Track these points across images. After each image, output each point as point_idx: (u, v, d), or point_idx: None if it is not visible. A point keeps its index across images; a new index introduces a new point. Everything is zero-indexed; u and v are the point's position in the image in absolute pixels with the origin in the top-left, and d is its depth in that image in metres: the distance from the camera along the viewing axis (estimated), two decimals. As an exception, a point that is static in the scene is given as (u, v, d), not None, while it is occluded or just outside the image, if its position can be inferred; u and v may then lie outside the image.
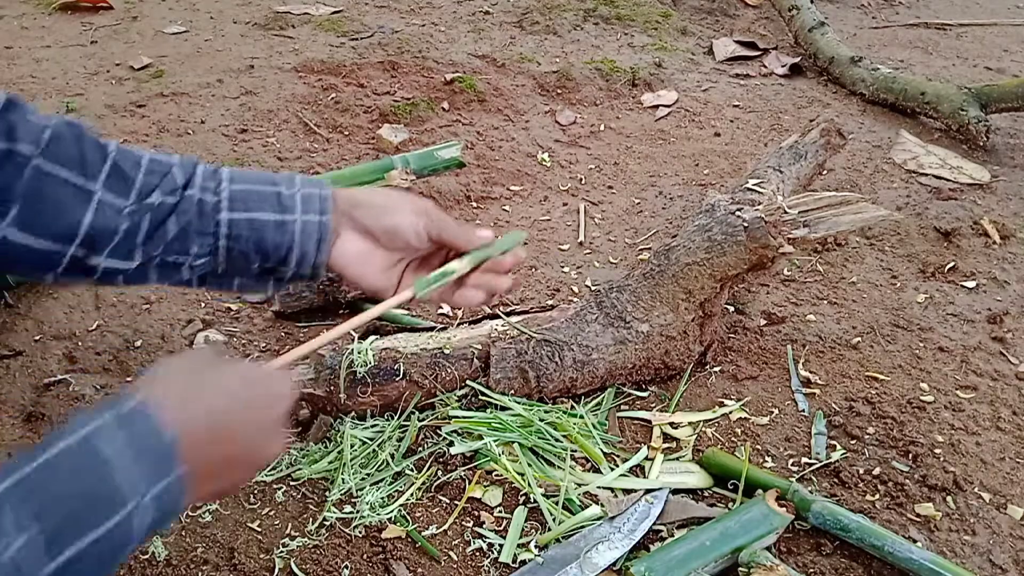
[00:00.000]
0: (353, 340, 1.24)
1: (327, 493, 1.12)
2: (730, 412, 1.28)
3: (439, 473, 1.15)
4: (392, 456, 1.16)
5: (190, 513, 1.10)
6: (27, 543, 0.52)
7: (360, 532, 1.08)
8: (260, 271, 0.87)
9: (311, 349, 0.84)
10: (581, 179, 1.96)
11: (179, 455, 0.60)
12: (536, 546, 1.06)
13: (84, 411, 0.60)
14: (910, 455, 1.20)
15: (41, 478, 0.55)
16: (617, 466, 1.17)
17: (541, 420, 1.20)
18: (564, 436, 1.19)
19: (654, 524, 1.09)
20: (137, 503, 0.58)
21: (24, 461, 0.55)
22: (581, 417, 1.23)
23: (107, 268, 0.80)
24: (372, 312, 0.87)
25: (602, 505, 1.10)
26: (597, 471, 1.17)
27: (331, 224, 0.85)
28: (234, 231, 0.84)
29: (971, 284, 1.58)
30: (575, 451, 1.18)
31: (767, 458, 1.20)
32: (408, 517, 1.10)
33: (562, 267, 1.63)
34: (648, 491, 1.13)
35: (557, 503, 1.11)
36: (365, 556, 1.05)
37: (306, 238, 0.85)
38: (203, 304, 1.48)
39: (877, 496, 1.14)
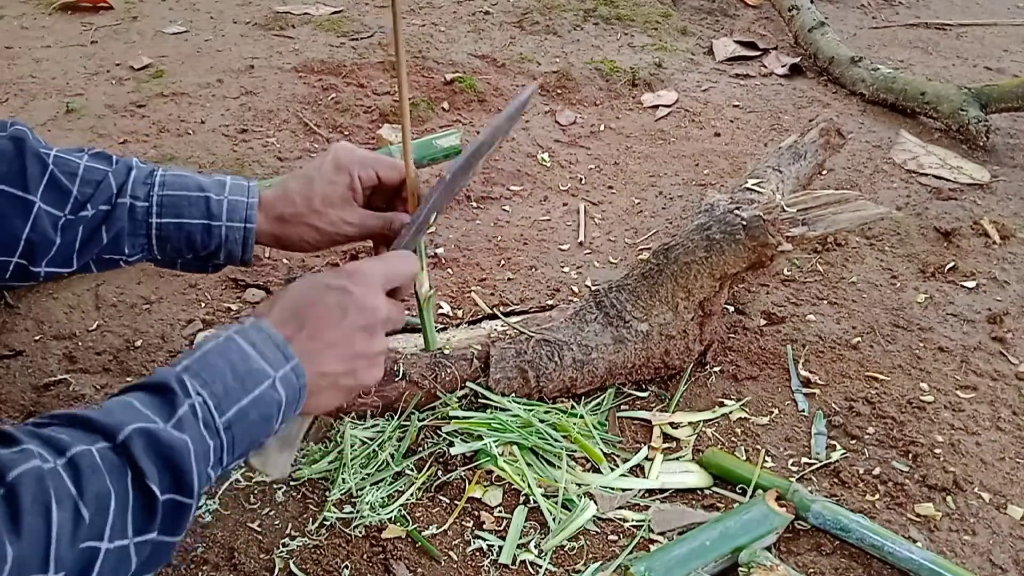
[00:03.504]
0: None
1: (327, 493, 1.12)
2: (730, 412, 1.28)
3: (439, 473, 1.15)
4: (392, 456, 1.16)
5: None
6: (202, 403, 0.68)
7: (360, 532, 1.08)
8: (195, 259, 0.97)
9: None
10: (581, 179, 1.96)
11: (290, 350, 0.75)
12: (536, 546, 1.07)
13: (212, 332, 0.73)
14: (910, 455, 1.20)
15: (201, 363, 0.70)
16: (617, 466, 1.18)
17: (541, 420, 1.20)
18: (564, 436, 1.20)
19: (654, 530, 1.09)
20: (272, 380, 0.72)
21: (183, 357, 0.71)
22: (581, 417, 1.23)
23: (48, 272, 0.90)
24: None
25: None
26: (597, 471, 1.17)
27: (255, 230, 0.95)
28: (164, 232, 0.93)
29: (971, 284, 1.58)
30: (575, 451, 1.19)
31: (767, 458, 1.20)
32: (408, 517, 1.10)
33: (562, 267, 1.63)
34: None
35: (557, 503, 1.11)
36: (365, 556, 1.05)
37: (232, 243, 0.95)
38: (203, 304, 1.48)
39: (877, 496, 1.14)
